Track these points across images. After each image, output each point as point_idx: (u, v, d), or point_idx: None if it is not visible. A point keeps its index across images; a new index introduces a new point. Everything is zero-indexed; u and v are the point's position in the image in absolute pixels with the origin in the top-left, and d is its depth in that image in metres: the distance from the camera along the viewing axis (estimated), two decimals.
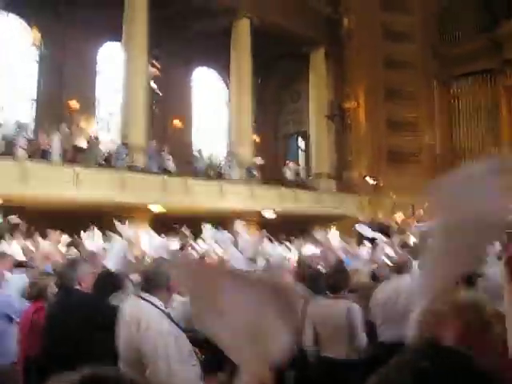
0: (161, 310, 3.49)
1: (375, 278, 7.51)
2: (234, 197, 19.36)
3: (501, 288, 4.75)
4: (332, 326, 5.07)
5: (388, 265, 7.62)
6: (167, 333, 3.36)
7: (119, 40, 19.91)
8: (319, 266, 7.80)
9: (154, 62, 21.80)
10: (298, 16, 24.07)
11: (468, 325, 1.80)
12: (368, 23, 26.15)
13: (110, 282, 4.84)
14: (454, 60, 27.35)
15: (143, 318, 3.41)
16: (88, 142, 17.71)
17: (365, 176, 24.81)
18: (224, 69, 24.80)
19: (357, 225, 11.66)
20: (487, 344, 1.80)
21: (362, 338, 5.11)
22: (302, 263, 8.03)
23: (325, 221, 22.85)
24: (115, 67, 21.78)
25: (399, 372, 1.36)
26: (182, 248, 14.57)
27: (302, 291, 5.34)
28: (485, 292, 6.04)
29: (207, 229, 11.88)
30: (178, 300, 4.75)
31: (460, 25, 27.91)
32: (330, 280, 5.16)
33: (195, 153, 21.08)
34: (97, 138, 18.22)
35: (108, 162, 17.82)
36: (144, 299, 3.52)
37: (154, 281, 3.57)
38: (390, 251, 10.43)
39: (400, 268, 5.92)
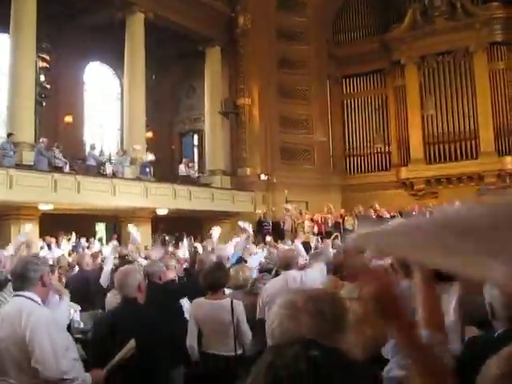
0: (36, 303, 3.43)
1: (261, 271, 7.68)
2: (126, 195, 19.09)
3: None
4: (216, 324, 5.13)
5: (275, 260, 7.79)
6: (50, 318, 3.34)
7: (6, 31, 19.14)
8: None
9: (43, 55, 21.12)
10: (194, 13, 24.01)
11: (321, 317, 1.80)
12: (263, 22, 26.48)
13: None
14: (347, 60, 28.31)
15: (24, 310, 3.33)
16: None
17: (260, 174, 25.17)
18: (118, 64, 24.38)
19: (240, 222, 11.72)
20: (342, 340, 1.82)
21: (247, 333, 5.19)
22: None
23: (219, 217, 23.01)
24: (2, 60, 20.93)
25: (295, 360, 1.42)
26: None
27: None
28: None
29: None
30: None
31: (354, 26, 28.96)
32: (208, 278, 5.22)
33: (87, 150, 20.57)
34: None
35: None
36: (21, 296, 3.44)
37: (26, 277, 3.48)
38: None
39: (287, 264, 6.02)
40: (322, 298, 1.85)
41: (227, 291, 5.69)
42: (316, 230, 21.58)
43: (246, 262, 8.35)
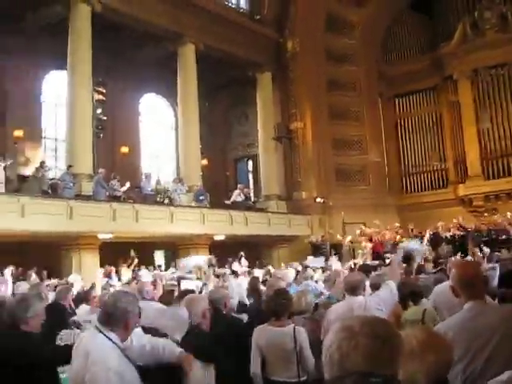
0: (116, 344, 3.46)
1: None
2: (183, 222, 19.29)
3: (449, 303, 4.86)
4: (279, 351, 5.12)
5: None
6: (112, 371, 3.33)
7: (65, 69, 19.75)
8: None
9: (99, 88, 21.68)
10: (243, 40, 24.36)
11: (378, 342, 1.82)
12: (312, 45, 26.62)
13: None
14: (398, 79, 28.16)
15: (92, 351, 3.37)
16: (34, 171, 17.53)
17: (315, 197, 25.07)
18: (171, 94, 24.82)
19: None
20: (399, 365, 1.83)
21: (310, 360, 5.16)
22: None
23: (276, 242, 23.03)
24: (61, 96, 21.60)
25: None
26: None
27: None
28: (434, 307, 6.25)
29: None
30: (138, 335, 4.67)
31: (403, 45, 28.83)
32: (271, 305, 5.21)
33: (143, 179, 20.92)
34: (43, 166, 17.92)
35: (54, 191, 17.53)
36: (101, 332, 3.48)
37: (112, 315, 3.48)
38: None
39: (353, 288, 5.96)
40: (376, 323, 1.87)
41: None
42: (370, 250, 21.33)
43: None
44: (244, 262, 19.93)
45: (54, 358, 4.20)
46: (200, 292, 9.02)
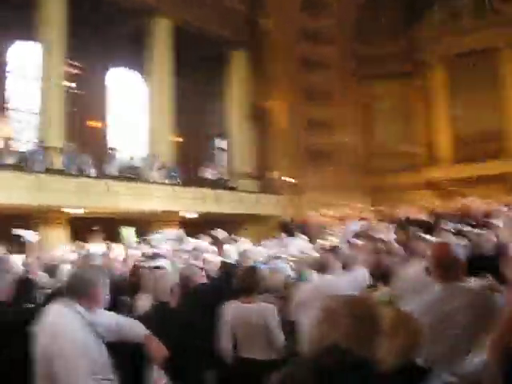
0: (82, 316, 3.42)
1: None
2: (155, 198, 19.23)
3: (415, 287, 4.92)
4: (248, 328, 5.12)
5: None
6: (78, 341, 3.30)
7: (32, 39, 19.38)
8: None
9: (72, 62, 21.37)
10: (217, 17, 24.15)
11: (357, 321, 1.84)
12: (287, 24, 26.47)
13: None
14: (372, 60, 28.17)
15: (58, 324, 3.32)
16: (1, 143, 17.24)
17: (287, 177, 25.12)
18: (144, 69, 24.54)
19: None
20: (377, 345, 1.85)
21: (280, 338, 5.18)
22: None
23: (247, 220, 23.06)
24: (28, 67, 21.25)
25: (301, 368, 1.44)
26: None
27: None
28: (400, 290, 6.30)
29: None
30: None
31: (379, 27, 28.78)
32: (242, 282, 5.22)
33: (114, 154, 20.70)
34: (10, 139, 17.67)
35: (24, 164, 17.28)
36: (67, 304, 3.43)
37: (78, 286, 3.47)
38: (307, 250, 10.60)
39: (323, 267, 5.97)
40: (357, 303, 1.89)
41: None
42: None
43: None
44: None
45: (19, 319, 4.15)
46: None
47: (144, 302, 5.46)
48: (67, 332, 3.28)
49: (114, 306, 6.68)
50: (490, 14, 25.39)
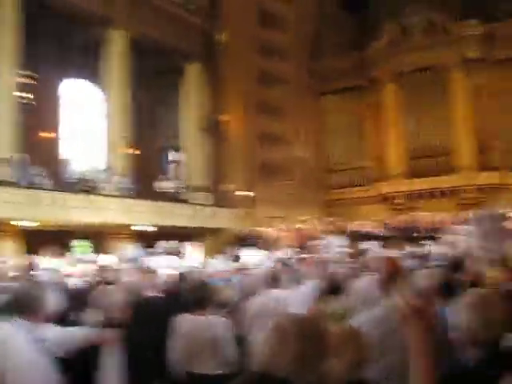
0: (28, 332, 3.36)
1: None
2: (107, 211, 19.00)
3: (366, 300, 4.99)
4: (199, 341, 5.10)
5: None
6: (27, 358, 3.25)
7: None
8: None
9: (24, 72, 21.02)
10: (174, 29, 24.08)
11: (307, 341, 1.87)
12: (243, 38, 26.59)
13: None
14: (326, 77, 28.61)
15: (7, 341, 3.28)
16: None
17: (241, 190, 25.16)
18: (98, 81, 24.31)
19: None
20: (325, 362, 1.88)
21: (232, 352, 5.16)
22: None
23: (201, 233, 23.01)
24: None
25: None
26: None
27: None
28: (353, 303, 6.36)
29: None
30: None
31: (333, 43, 29.25)
32: (194, 295, 5.20)
33: (66, 166, 20.43)
34: None
35: None
36: (13, 321, 3.37)
37: (23, 302, 3.41)
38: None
39: (272, 281, 5.98)
40: (307, 323, 1.93)
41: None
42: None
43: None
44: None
45: None
46: None
47: (92, 318, 5.39)
48: (15, 349, 3.24)
49: (63, 321, 6.60)
50: (441, 32, 26.00)
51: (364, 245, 18.52)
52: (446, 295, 4.31)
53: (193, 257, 11.14)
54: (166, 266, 9.29)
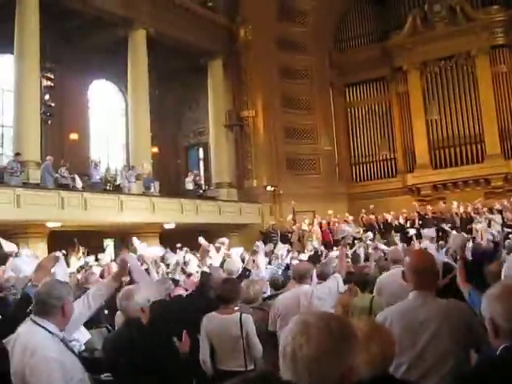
0: (53, 334, 3.39)
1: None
2: (133, 210, 19.15)
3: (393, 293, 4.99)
4: (226, 339, 5.13)
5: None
6: (52, 359, 3.27)
7: (11, 52, 19.22)
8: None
9: (47, 74, 21.27)
10: (194, 27, 24.13)
11: (332, 337, 1.86)
12: (264, 33, 26.59)
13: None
14: (349, 69, 28.47)
15: (30, 345, 3.29)
16: None
17: (266, 186, 25.18)
18: (122, 81, 24.49)
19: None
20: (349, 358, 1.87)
21: (257, 348, 5.18)
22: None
23: (227, 230, 23.05)
24: (7, 80, 21.03)
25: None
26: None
27: None
28: (380, 295, 6.34)
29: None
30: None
31: (355, 35, 29.12)
32: (219, 292, 5.22)
33: (92, 166, 20.60)
34: None
35: (1, 178, 17.12)
36: (36, 323, 3.40)
37: (46, 304, 3.42)
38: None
39: (301, 276, 5.96)
40: (332, 319, 1.92)
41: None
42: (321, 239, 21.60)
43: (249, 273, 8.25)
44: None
45: None
46: None
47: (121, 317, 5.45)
48: (38, 350, 3.27)
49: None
50: (463, 20, 25.71)
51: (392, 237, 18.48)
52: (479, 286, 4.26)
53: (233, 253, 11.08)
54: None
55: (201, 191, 23.94)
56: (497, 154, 24.85)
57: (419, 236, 18.57)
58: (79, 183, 18.68)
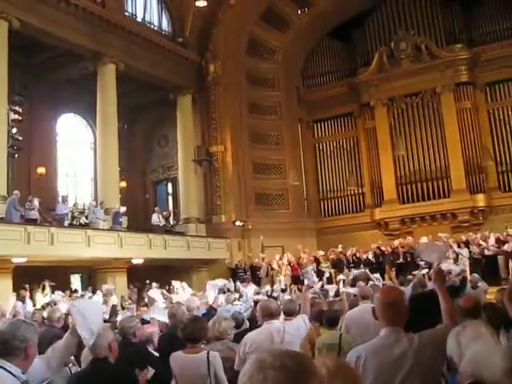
0: (15, 376, 3.28)
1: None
2: (100, 245, 18.92)
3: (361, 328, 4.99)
4: (193, 378, 5.06)
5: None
6: None
7: None
8: None
9: (15, 108, 21.13)
10: (164, 62, 24.31)
11: (288, 375, 1.84)
12: (234, 69, 26.85)
13: None
14: (317, 105, 28.78)
15: None
16: None
17: (235, 221, 25.12)
18: (91, 115, 24.43)
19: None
20: None
21: None
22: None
23: (196, 265, 22.93)
24: None
25: None
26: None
27: None
28: (348, 331, 6.34)
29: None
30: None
31: (322, 71, 29.53)
32: (186, 331, 5.17)
33: (59, 201, 20.37)
34: None
35: None
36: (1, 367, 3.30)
37: (9, 344, 3.33)
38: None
39: (271, 313, 5.92)
40: (288, 355, 1.89)
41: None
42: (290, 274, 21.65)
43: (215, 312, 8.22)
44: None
45: None
46: None
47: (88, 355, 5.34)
48: None
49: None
50: (428, 58, 26.29)
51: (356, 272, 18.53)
52: None
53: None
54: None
55: (169, 226, 23.80)
56: (462, 188, 25.20)
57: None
58: (39, 218, 18.40)
